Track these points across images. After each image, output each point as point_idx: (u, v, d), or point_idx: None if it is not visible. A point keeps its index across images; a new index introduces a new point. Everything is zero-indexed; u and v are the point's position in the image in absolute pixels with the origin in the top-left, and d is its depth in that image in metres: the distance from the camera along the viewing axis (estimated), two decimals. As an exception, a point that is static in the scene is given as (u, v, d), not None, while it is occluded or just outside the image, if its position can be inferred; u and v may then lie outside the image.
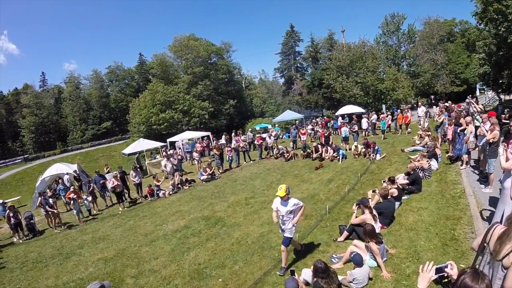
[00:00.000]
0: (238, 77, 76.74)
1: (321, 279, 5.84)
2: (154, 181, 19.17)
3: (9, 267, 12.11)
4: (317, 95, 52.71)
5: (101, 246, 12.27)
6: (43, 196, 16.35)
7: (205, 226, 12.04)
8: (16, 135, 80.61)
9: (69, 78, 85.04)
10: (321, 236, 9.20)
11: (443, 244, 7.40)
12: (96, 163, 53.75)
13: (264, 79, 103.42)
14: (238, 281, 7.78)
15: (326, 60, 54.00)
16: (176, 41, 59.09)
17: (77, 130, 78.33)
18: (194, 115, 53.38)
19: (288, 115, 41.89)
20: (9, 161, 69.26)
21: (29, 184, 47.91)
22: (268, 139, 24.85)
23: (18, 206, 21.77)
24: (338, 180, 14.77)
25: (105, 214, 17.38)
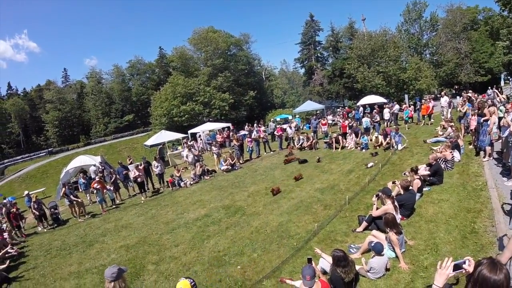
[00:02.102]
0: (258, 68, 76.68)
1: (339, 267, 5.88)
2: (175, 171, 19.46)
3: (33, 254, 12.58)
4: (338, 85, 52.12)
5: (123, 234, 12.63)
6: (67, 186, 16.86)
7: (225, 215, 12.21)
8: (40, 129, 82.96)
9: (91, 73, 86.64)
10: (340, 226, 9.20)
11: (463, 237, 7.33)
12: (119, 155, 54.70)
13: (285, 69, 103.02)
14: (256, 268, 7.90)
15: (346, 50, 53.21)
16: (195, 34, 59.49)
17: (100, 123, 79.83)
18: (215, 107, 53.73)
19: (308, 106, 41.51)
20: (33, 155, 71.16)
21: (53, 176, 49.19)
22: (289, 129, 24.78)
23: (42, 197, 22.40)
24: (359, 170, 14.67)
25: (128, 204, 17.79)
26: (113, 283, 4.19)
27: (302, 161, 18.02)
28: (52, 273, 10.42)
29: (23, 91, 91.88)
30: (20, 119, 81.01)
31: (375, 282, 6.41)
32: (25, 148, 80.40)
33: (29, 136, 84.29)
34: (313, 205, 11.26)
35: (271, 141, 26.21)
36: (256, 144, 23.28)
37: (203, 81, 55.89)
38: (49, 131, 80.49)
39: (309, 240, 8.62)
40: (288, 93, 79.67)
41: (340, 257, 5.90)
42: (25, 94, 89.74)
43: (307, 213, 10.58)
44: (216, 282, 7.69)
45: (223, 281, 7.65)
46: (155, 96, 57.77)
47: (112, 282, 4.19)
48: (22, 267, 11.49)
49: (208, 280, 7.81)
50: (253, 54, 73.25)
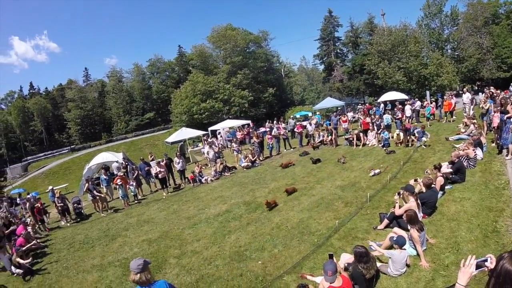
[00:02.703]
0: (277, 65, 76.48)
1: (361, 263, 5.93)
2: (196, 167, 19.68)
3: (57, 248, 13.01)
4: (358, 82, 51.55)
5: (145, 229, 12.92)
6: (90, 182, 17.28)
7: (246, 211, 12.35)
8: (63, 127, 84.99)
9: (111, 72, 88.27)
10: (361, 223, 9.22)
11: (484, 236, 7.27)
12: (140, 151, 55.41)
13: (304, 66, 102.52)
14: (277, 264, 8.00)
15: (366, 45, 52.54)
16: (214, 32, 59.63)
17: (121, 121, 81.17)
18: (234, 104, 53.88)
19: (328, 103, 41.16)
20: (56, 152, 72.81)
21: (76, 173, 50.26)
22: (309, 126, 24.70)
23: (65, 192, 22.92)
24: (380, 168, 14.52)
25: (150, 199, 18.16)
26: (139, 274, 4.28)
27: (315, 161, 17.74)
28: (75, 265, 10.77)
29: (45, 90, 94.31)
30: (43, 117, 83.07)
31: (395, 280, 6.43)
32: (47, 146, 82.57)
33: (51, 133, 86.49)
34: (334, 202, 11.29)
35: (291, 138, 26.19)
36: (276, 141, 23.29)
37: (223, 78, 56.14)
38: (71, 129, 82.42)
39: (330, 237, 8.67)
40: (308, 90, 79.18)
41: (362, 253, 5.97)
42: (47, 93, 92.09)
43: (328, 210, 10.62)
44: (237, 276, 7.81)
45: (244, 276, 7.77)
46: (175, 94, 58.26)
47: (138, 273, 4.27)
48: (45, 260, 11.88)
49: (230, 274, 7.95)
50: (272, 51, 73.08)
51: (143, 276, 4.33)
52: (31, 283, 10.21)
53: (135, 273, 4.30)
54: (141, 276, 4.31)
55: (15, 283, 10.44)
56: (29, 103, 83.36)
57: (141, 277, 4.31)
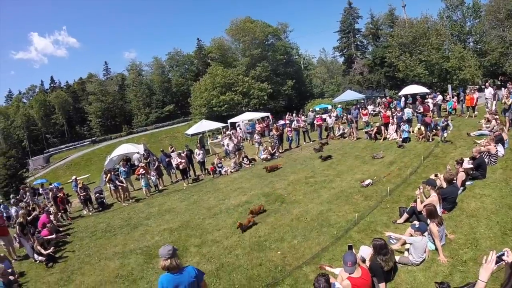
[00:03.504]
0: (296, 58, 76.22)
1: (380, 255, 6.00)
2: (216, 159, 19.94)
3: (79, 236, 13.37)
4: (379, 74, 50.64)
5: (167, 218, 13.18)
6: (113, 172, 17.70)
7: (266, 202, 12.40)
8: (84, 120, 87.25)
9: (131, 65, 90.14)
10: (380, 217, 9.25)
11: (503, 233, 7.25)
12: (160, 143, 56.10)
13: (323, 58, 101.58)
14: (296, 254, 8.11)
15: (387, 37, 51.49)
16: (232, 25, 59.75)
17: (141, 113, 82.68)
18: (254, 97, 53.96)
19: (348, 95, 40.84)
20: (77, 143, 75.06)
21: (97, 164, 51.32)
22: (329, 119, 24.59)
23: (87, 183, 23.44)
24: (400, 162, 14.49)
25: (171, 189, 18.42)
26: (169, 260, 4.40)
27: (325, 158, 17.33)
28: (97, 253, 11.08)
29: (65, 84, 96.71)
30: (64, 110, 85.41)
31: (413, 273, 6.48)
32: (69, 138, 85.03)
33: (72, 126, 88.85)
34: (354, 195, 11.31)
35: (310, 131, 26.13)
36: (296, 133, 23.24)
37: (242, 71, 56.26)
38: (92, 121, 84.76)
39: (349, 230, 8.73)
40: (327, 83, 78.47)
41: (381, 246, 6.03)
42: (68, 87, 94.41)
43: (348, 203, 10.65)
44: (257, 265, 7.95)
45: (264, 265, 7.90)
46: (195, 86, 58.80)
47: (169, 259, 4.40)
48: (68, 248, 12.25)
49: (249, 264, 8.09)
50: (291, 43, 72.93)
51: (173, 261, 4.45)
52: (53, 270, 10.48)
53: (166, 259, 4.41)
54: (172, 262, 4.43)
55: (38, 269, 10.76)
56: (50, 97, 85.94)
57: (172, 262, 4.43)
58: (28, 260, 11.80)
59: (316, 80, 79.72)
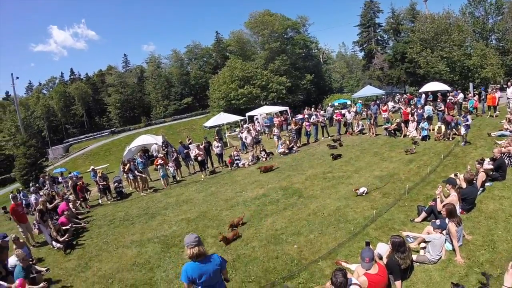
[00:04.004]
0: (315, 52, 75.60)
1: (398, 253, 6.01)
2: (234, 151, 20.12)
3: (97, 224, 13.68)
4: (399, 70, 49.80)
5: (184, 208, 13.38)
6: (132, 163, 18.08)
7: (283, 196, 12.50)
8: (103, 111, 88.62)
9: (150, 58, 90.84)
10: (398, 215, 9.22)
11: (521, 236, 7.17)
12: (178, 135, 56.53)
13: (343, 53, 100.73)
14: (312, 249, 8.16)
15: (408, 33, 50.85)
16: (251, 18, 59.61)
17: (159, 105, 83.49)
18: (272, 90, 53.78)
19: (368, 91, 40.46)
20: (97, 134, 76.07)
21: (116, 154, 52.07)
22: (348, 114, 24.36)
23: (106, 172, 23.86)
24: (420, 160, 14.30)
25: (189, 181, 18.68)
26: (197, 247, 4.52)
27: (336, 157, 16.92)
28: (115, 241, 11.33)
29: (85, 76, 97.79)
30: (84, 101, 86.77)
31: (430, 273, 6.48)
32: (88, 128, 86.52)
33: (92, 117, 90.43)
34: (372, 192, 11.25)
35: (329, 126, 25.95)
36: (315, 128, 23.20)
37: (260, 64, 56.12)
38: (112, 113, 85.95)
39: (366, 226, 8.73)
40: (347, 77, 77.85)
41: (400, 243, 6.04)
42: (88, 78, 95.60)
43: (365, 200, 10.62)
44: (273, 258, 8.03)
45: (280, 258, 7.98)
46: (213, 79, 58.96)
47: (196, 246, 4.52)
48: (86, 235, 12.55)
49: (265, 256, 8.18)
50: (311, 37, 72.19)
51: (201, 248, 4.57)
52: (71, 257, 10.75)
53: (193, 246, 4.52)
54: (199, 249, 4.55)
55: (56, 256, 11.04)
56: (70, 88, 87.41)
57: (199, 250, 4.55)
58: (46, 246, 12.11)
59: (335, 75, 79.17)
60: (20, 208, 13.04)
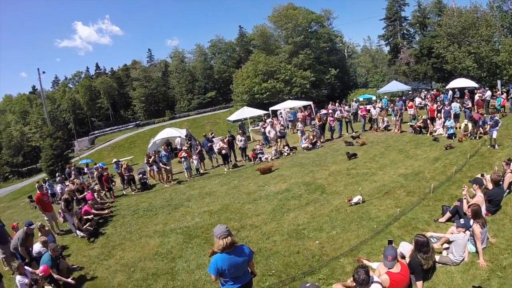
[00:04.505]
0: (340, 46, 74.65)
1: (421, 253, 5.97)
2: (258, 145, 20.24)
3: (121, 213, 14.05)
4: (426, 66, 48.65)
5: (207, 201, 13.58)
6: (157, 155, 18.42)
7: (306, 191, 12.52)
8: (128, 104, 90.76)
9: (174, 53, 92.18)
10: (422, 214, 9.11)
11: (546, 242, 7.01)
12: (202, 129, 57.01)
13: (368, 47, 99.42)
14: (334, 245, 8.18)
15: (435, 27, 49.52)
16: (275, 11, 59.12)
17: (183, 99, 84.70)
18: (296, 85, 53.37)
19: (393, 86, 39.84)
20: (122, 127, 78.16)
21: (140, 146, 53.06)
22: (373, 110, 24.03)
23: (131, 164, 24.36)
24: (445, 159, 14.01)
25: (212, 173, 18.90)
26: (229, 237, 4.62)
27: (351, 156, 16.32)
28: (138, 230, 11.63)
29: (110, 70, 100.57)
30: (109, 95, 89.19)
31: (451, 275, 6.42)
32: (113, 121, 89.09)
33: (117, 110, 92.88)
34: (396, 190, 11.15)
35: (353, 122, 25.63)
36: (339, 123, 22.93)
37: (284, 58, 55.76)
38: (136, 106, 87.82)
39: (390, 225, 8.67)
40: (372, 72, 76.75)
41: (424, 243, 6.00)
42: (113, 73, 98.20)
43: (389, 198, 10.53)
44: (294, 253, 8.10)
45: (301, 253, 8.03)
46: (237, 73, 58.99)
47: (228, 236, 4.62)
48: (110, 224, 12.91)
49: (287, 251, 8.26)
50: (335, 30, 71.22)
51: (232, 239, 4.67)
52: (94, 245, 11.12)
53: (225, 236, 4.61)
54: (232, 239, 4.65)
55: (80, 244, 11.45)
56: (95, 82, 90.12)
57: (232, 239, 4.65)
58: (70, 234, 12.55)
59: (360, 70, 78.24)
60: (46, 198, 13.47)
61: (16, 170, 76.99)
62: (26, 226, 9.52)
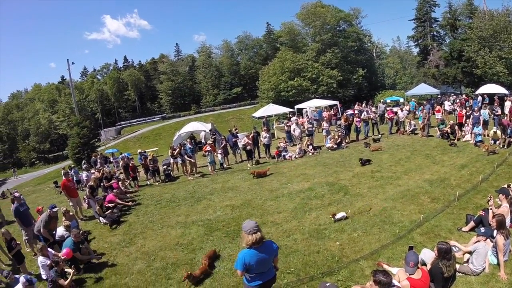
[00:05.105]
0: (368, 45, 73.65)
1: (443, 260, 5.93)
2: (282, 143, 20.29)
3: (144, 203, 14.46)
4: (455, 69, 47.20)
5: (229, 195, 13.80)
6: (182, 147, 18.80)
7: (328, 191, 12.55)
8: (155, 97, 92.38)
9: (201, 48, 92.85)
10: (445, 222, 9.02)
11: None
12: (227, 124, 57.19)
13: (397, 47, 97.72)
14: (355, 247, 8.21)
15: (465, 29, 48.10)
16: (303, 9, 58.50)
17: (209, 94, 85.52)
18: (322, 83, 52.75)
19: (422, 89, 39.03)
20: (148, 119, 79.31)
21: (166, 139, 53.64)
22: (400, 113, 23.65)
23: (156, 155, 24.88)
24: (472, 167, 13.73)
25: (235, 168, 19.16)
26: (259, 232, 4.71)
27: (364, 162, 15.86)
28: (160, 220, 11.97)
29: (138, 64, 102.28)
30: (136, 87, 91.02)
31: (471, 285, 6.37)
32: (140, 113, 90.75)
33: (144, 102, 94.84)
34: (420, 195, 11.06)
35: (380, 123, 25.28)
36: (365, 125, 22.71)
37: (311, 57, 55.14)
38: (163, 99, 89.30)
39: (412, 230, 8.63)
40: (400, 74, 75.35)
41: (446, 250, 5.95)
42: (140, 66, 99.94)
43: (413, 203, 10.46)
44: (314, 252, 8.17)
45: (321, 253, 8.10)
46: (263, 70, 58.81)
47: (258, 232, 4.71)
48: (133, 213, 13.32)
49: (307, 250, 8.33)
50: (364, 30, 70.18)
51: (261, 234, 4.75)
52: (117, 232, 11.51)
53: (255, 232, 4.68)
54: (261, 235, 4.73)
55: (102, 230, 11.88)
56: (123, 75, 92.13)
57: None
58: (93, 220, 13.06)
59: (388, 70, 76.88)
60: (71, 184, 14.09)
61: (43, 156, 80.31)
62: (50, 209, 9.92)
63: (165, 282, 7.88)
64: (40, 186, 34.38)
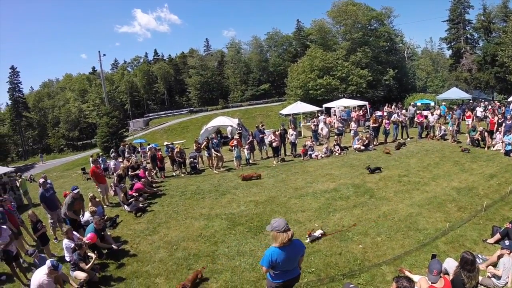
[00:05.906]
0: (400, 46, 72.16)
1: (465, 271, 5.85)
2: (308, 141, 20.30)
3: (170, 194, 14.81)
4: (488, 74, 46.00)
5: (254, 191, 13.90)
6: (210, 141, 19.09)
7: (354, 193, 12.48)
8: (183, 91, 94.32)
9: (231, 43, 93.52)
10: (471, 232, 8.85)
11: None
12: (253, 120, 57.51)
13: (429, 49, 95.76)
14: (377, 252, 8.17)
15: (500, 33, 46.94)
16: (334, 7, 57.94)
17: (237, 90, 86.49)
18: (352, 83, 52.29)
19: (454, 93, 38.01)
20: (176, 112, 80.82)
21: (193, 132, 54.31)
22: (430, 117, 23.19)
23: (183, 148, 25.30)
24: (501, 177, 13.30)
25: (261, 165, 19.28)
26: (290, 231, 4.80)
27: (373, 170, 15.16)
28: (184, 211, 12.24)
29: (168, 57, 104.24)
30: (165, 81, 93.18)
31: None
32: (168, 106, 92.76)
33: (172, 95, 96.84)
34: (447, 203, 10.88)
35: (409, 127, 24.66)
36: (394, 127, 22.28)
37: (341, 55, 54.66)
38: (191, 93, 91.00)
39: (437, 239, 8.53)
40: (431, 76, 73.77)
41: (470, 261, 5.88)
42: (170, 59, 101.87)
43: (439, 211, 10.31)
44: (336, 254, 8.19)
45: (343, 255, 8.11)
46: (292, 67, 58.70)
47: (290, 230, 4.80)
48: (158, 202, 13.68)
49: (329, 250, 8.36)
50: (396, 30, 68.37)
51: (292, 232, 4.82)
52: (141, 220, 11.87)
53: (286, 230, 4.75)
54: (292, 233, 4.81)
55: (127, 217, 12.25)
56: (153, 68, 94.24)
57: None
58: (119, 207, 13.46)
59: (419, 72, 75.43)
60: (100, 171, 14.54)
61: (72, 143, 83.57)
62: (72, 191, 10.35)
63: (186, 272, 8.06)
64: (68, 172, 35.50)
